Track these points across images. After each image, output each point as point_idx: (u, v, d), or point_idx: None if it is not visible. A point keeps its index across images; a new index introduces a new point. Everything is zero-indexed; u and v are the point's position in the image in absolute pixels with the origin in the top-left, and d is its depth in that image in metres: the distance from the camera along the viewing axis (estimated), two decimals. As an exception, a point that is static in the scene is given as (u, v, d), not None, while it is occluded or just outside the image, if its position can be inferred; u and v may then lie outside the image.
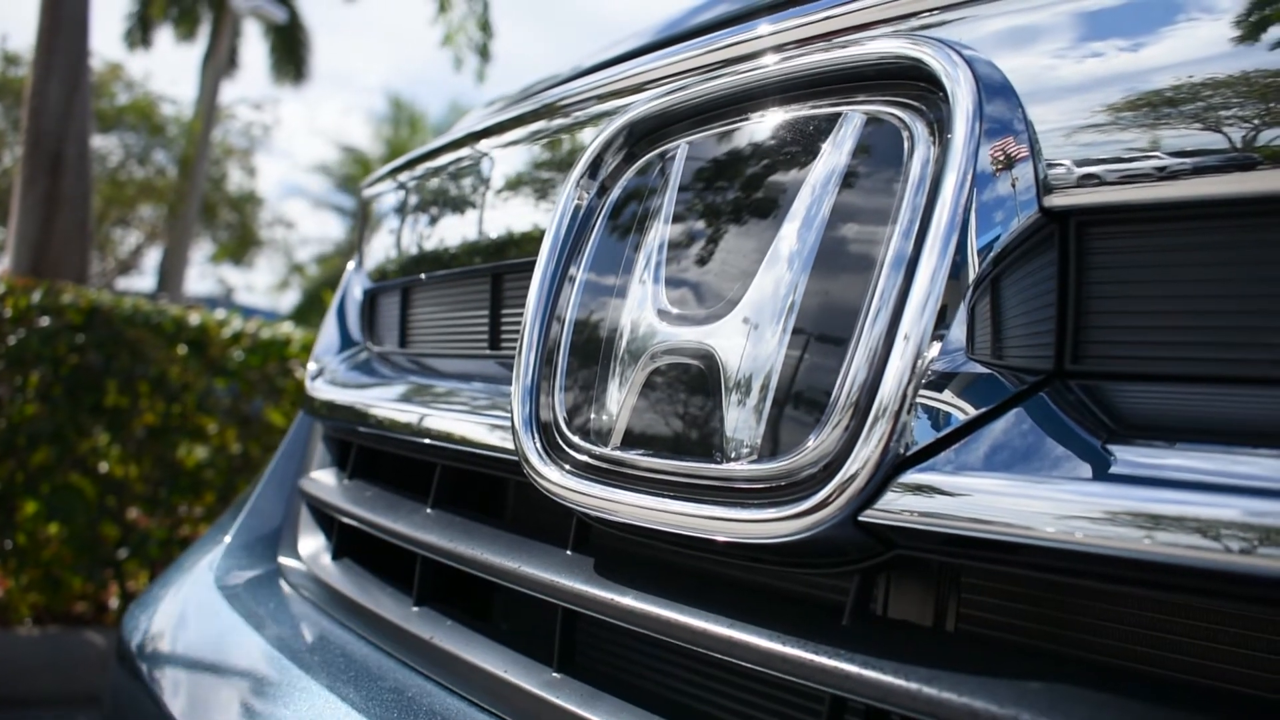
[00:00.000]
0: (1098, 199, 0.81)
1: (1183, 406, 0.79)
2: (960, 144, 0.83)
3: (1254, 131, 0.73)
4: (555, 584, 1.07)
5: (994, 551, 0.76)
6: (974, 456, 0.79)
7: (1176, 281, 0.79)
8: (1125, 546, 0.67)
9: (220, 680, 1.44)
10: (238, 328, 6.46)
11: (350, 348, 2.03)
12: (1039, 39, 0.87)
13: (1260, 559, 0.61)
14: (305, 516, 1.80)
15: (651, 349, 1.01)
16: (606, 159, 1.19)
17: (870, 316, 0.84)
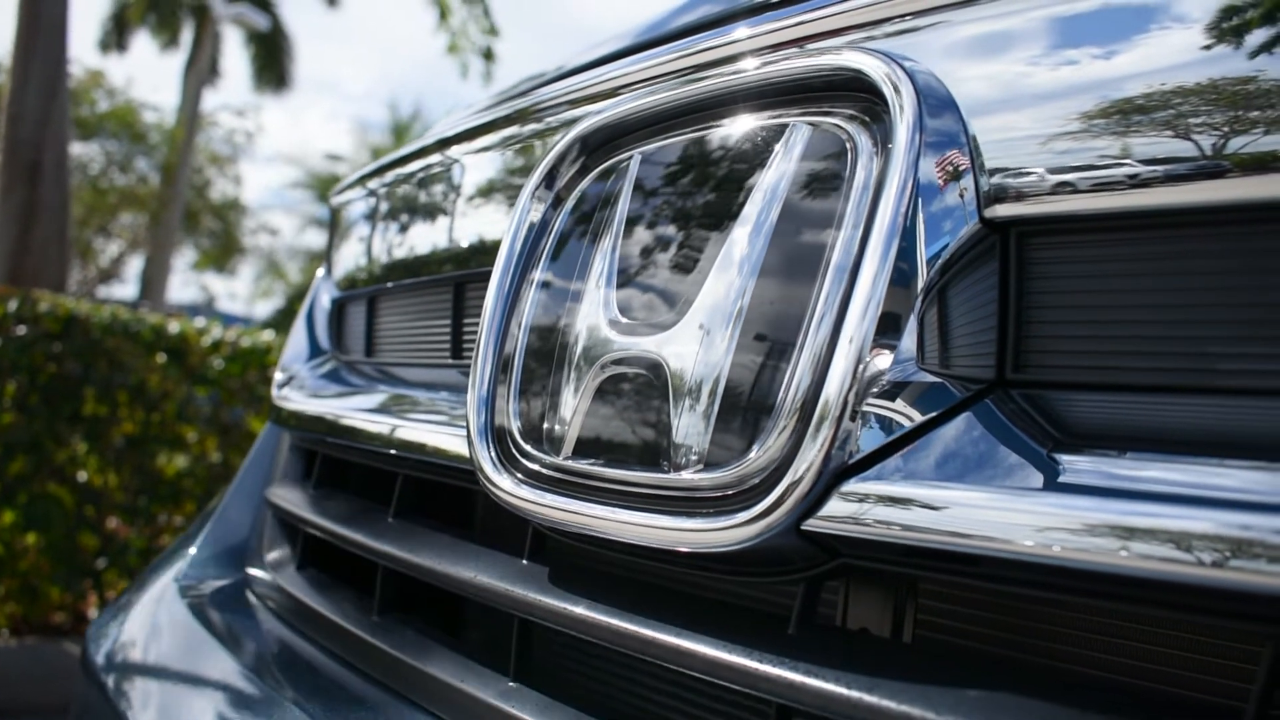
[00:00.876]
0: (1037, 210, 0.81)
1: (1122, 416, 0.80)
2: (901, 153, 0.84)
3: (1190, 144, 0.73)
4: (508, 593, 1.07)
5: (936, 560, 0.77)
6: (915, 465, 0.79)
7: (1115, 291, 0.80)
8: (1063, 555, 0.67)
9: (182, 693, 1.44)
10: (217, 336, 6.44)
11: (319, 356, 2.03)
12: (984, 52, 0.88)
13: (1195, 569, 0.62)
14: (271, 526, 1.79)
15: (603, 358, 1.01)
16: (561, 170, 1.19)
17: (814, 322, 0.85)
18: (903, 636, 0.86)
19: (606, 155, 1.16)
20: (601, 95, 1.27)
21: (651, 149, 1.10)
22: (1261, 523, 0.61)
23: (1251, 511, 0.62)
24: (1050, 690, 0.73)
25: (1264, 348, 0.72)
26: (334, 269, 2.05)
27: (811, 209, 0.90)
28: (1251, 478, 0.65)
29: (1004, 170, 0.83)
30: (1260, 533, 0.60)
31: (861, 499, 0.79)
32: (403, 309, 1.77)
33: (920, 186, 0.83)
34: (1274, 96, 0.70)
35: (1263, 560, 0.59)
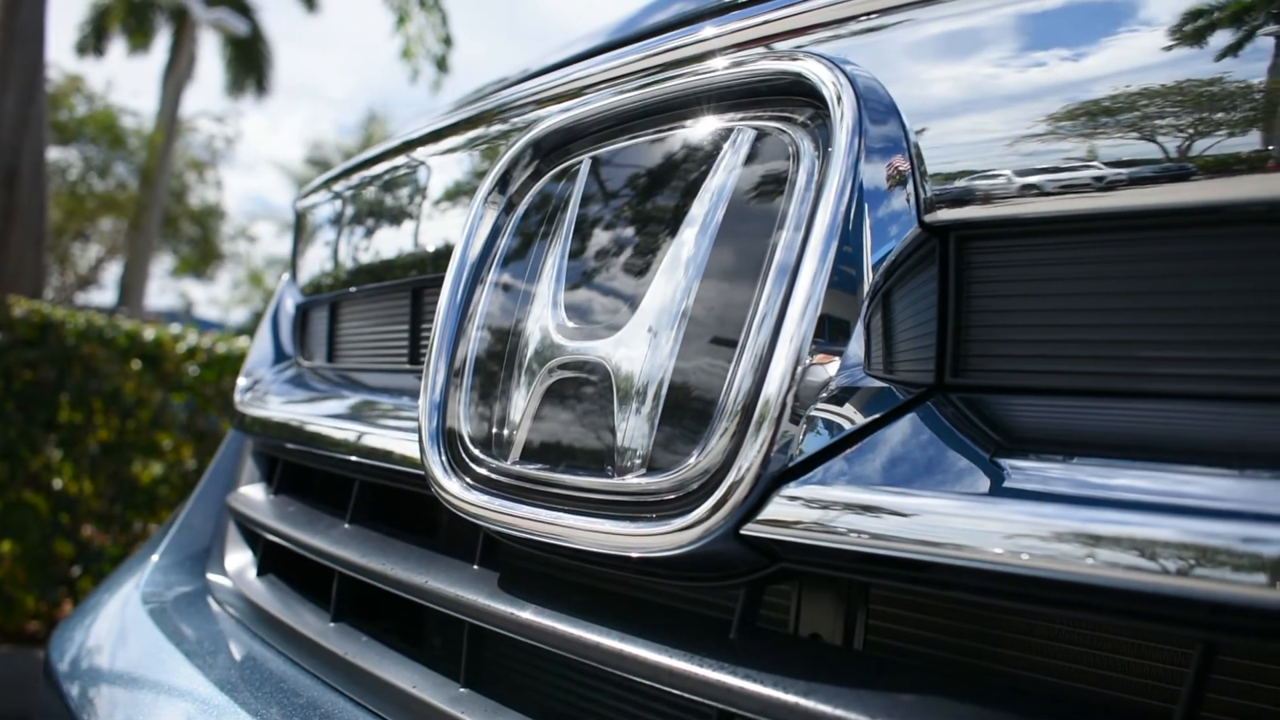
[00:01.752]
0: (976, 214, 0.82)
1: (1060, 420, 0.80)
2: (840, 157, 0.84)
3: (1127, 150, 0.74)
4: (458, 599, 1.07)
5: (874, 565, 0.77)
6: (854, 470, 0.79)
7: (1052, 296, 0.80)
8: (997, 559, 0.67)
9: (142, 700, 1.43)
10: (192, 342, 6.41)
11: (283, 362, 2.02)
12: (930, 55, 0.88)
13: (1123, 572, 0.62)
14: (233, 533, 1.79)
15: (550, 363, 1.01)
16: (515, 175, 1.19)
17: (756, 324, 0.85)
18: (854, 641, 0.87)
19: (559, 159, 1.16)
20: (566, 96, 1.27)
21: (601, 153, 1.10)
22: (1193, 527, 0.61)
23: (1183, 516, 0.62)
24: (984, 694, 0.73)
25: (1200, 352, 0.72)
26: (298, 274, 2.05)
27: (755, 212, 0.90)
28: (1190, 481, 0.65)
29: (944, 175, 0.83)
30: (1190, 537, 0.60)
31: (800, 503, 0.79)
32: (363, 314, 1.77)
33: (860, 190, 0.83)
34: (1208, 103, 0.70)
35: (1189, 565, 0.60)
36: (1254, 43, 0.69)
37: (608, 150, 1.09)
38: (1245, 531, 0.59)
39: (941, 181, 0.83)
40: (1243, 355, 0.70)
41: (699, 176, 0.96)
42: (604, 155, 1.09)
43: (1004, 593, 0.71)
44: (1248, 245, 0.71)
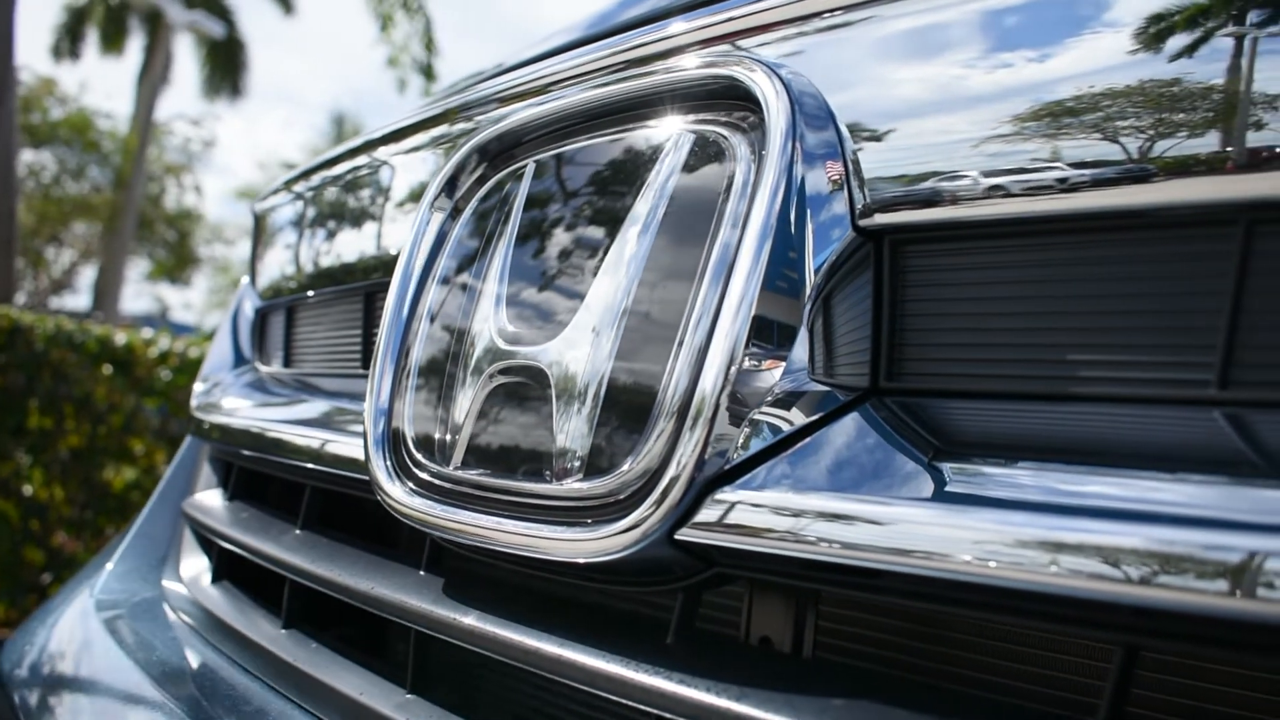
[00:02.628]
0: (909, 218, 0.82)
1: (992, 423, 0.80)
2: (774, 159, 0.84)
3: (1055, 154, 0.74)
4: (402, 605, 1.06)
5: (805, 569, 0.77)
6: (787, 473, 0.79)
7: (985, 299, 0.80)
8: (927, 565, 0.68)
9: (91, 708, 1.42)
10: (165, 347, 6.39)
11: (241, 367, 2.01)
12: (862, 60, 0.88)
13: (1042, 576, 0.62)
14: (189, 539, 1.78)
15: (491, 367, 1.01)
16: (462, 180, 1.19)
17: (692, 324, 0.85)
18: (804, 644, 0.86)
19: (504, 163, 1.16)
20: (532, 93, 1.25)
21: (545, 157, 1.09)
22: (1121, 530, 0.61)
23: (1111, 520, 0.63)
24: (915, 698, 0.73)
25: (1128, 355, 0.72)
26: (257, 278, 2.04)
27: (693, 214, 0.90)
28: (1118, 485, 0.66)
29: (878, 180, 0.84)
30: (1114, 541, 0.60)
31: (734, 507, 0.79)
32: (318, 319, 1.76)
33: (794, 193, 0.83)
34: (1136, 111, 0.70)
35: (1113, 568, 0.60)
36: (1174, 51, 0.69)
37: (551, 154, 1.09)
38: (1170, 536, 0.59)
39: (876, 186, 0.83)
40: (1169, 359, 0.70)
41: (640, 179, 0.96)
42: (547, 159, 1.09)
43: (936, 596, 0.72)
44: (1177, 249, 0.71)
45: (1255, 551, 0.55)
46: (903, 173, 0.82)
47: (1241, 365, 0.67)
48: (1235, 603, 0.55)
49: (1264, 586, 0.54)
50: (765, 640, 0.88)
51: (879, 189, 0.83)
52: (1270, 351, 0.66)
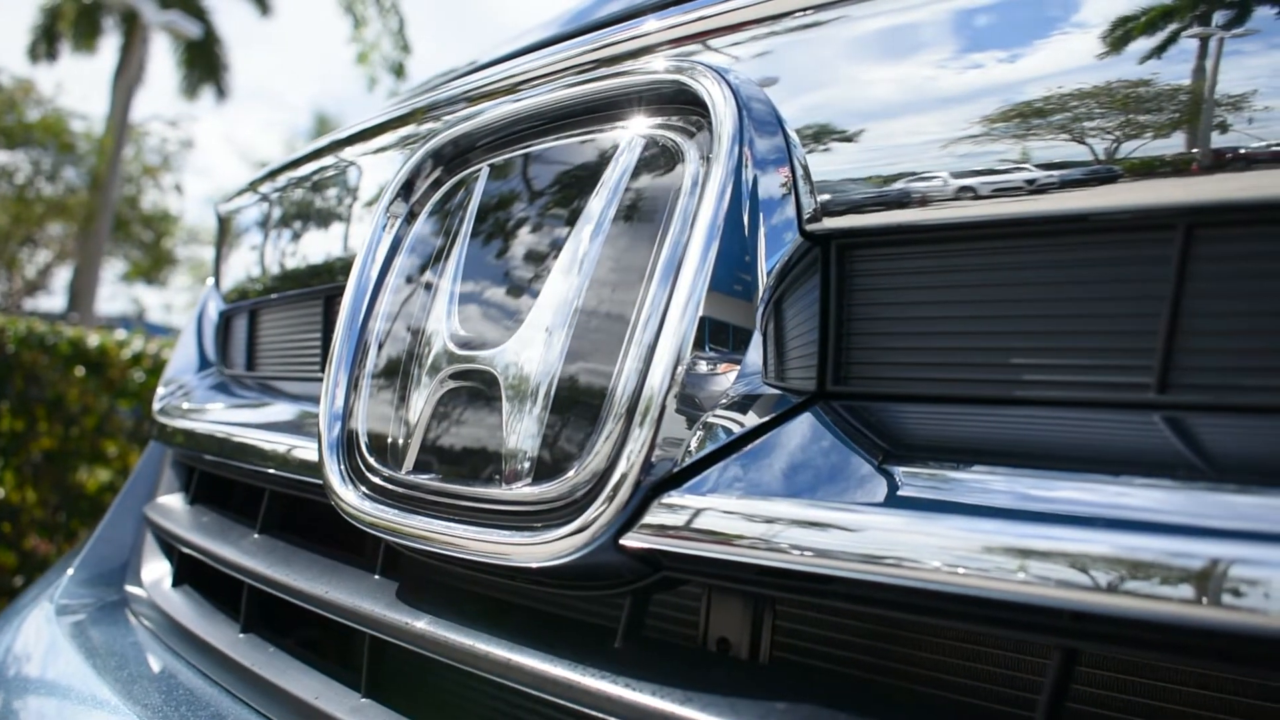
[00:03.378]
0: (855, 223, 0.82)
1: (939, 427, 0.80)
2: (721, 163, 0.84)
3: (999, 159, 0.74)
4: (356, 609, 1.06)
5: (750, 574, 0.77)
6: (731, 478, 0.79)
7: (931, 304, 0.80)
8: (867, 569, 0.68)
9: (48, 713, 1.41)
10: (138, 348, 6.36)
11: (204, 370, 2.00)
12: (814, 64, 0.88)
13: (981, 580, 0.62)
14: (150, 544, 1.77)
15: (443, 372, 1.01)
16: (417, 184, 1.19)
17: (641, 326, 0.85)
18: (760, 647, 0.86)
19: (459, 168, 1.15)
20: (501, 91, 1.25)
21: (499, 161, 1.09)
22: (1058, 534, 0.61)
23: (1047, 524, 0.63)
24: (859, 701, 0.73)
25: (1071, 359, 0.73)
26: (221, 280, 2.03)
27: (643, 217, 0.90)
28: (1062, 489, 0.66)
29: (826, 184, 0.84)
30: (1056, 545, 0.61)
31: (679, 510, 0.79)
32: (280, 322, 1.75)
33: (742, 196, 0.84)
34: (1082, 116, 0.71)
35: (1054, 571, 0.60)
36: (1113, 59, 0.70)
37: (505, 158, 1.09)
38: (1116, 540, 0.59)
39: (823, 190, 0.84)
40: (1110, 363, 0.70)
41: (591, 183, 0.96)
42: (501, 163, 1.09)
43: (880, 601, 0.72)
44: (1118, 253, 0.71)
45: (1193, 555, 0.56)
46: (850, 177, 0.82)
47: (1180, 369, 0.67)
48: (1171, 607, 0.56)
49: (1198, 589, 0.54)
50: (723, 642, 0.88)
51: (826, 193, 0.83)
52: (1207, 355, 0.67)
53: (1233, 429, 0.66)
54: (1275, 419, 0.65)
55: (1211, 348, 0.67)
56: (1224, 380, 0.66)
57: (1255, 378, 0.65)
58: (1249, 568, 0.53)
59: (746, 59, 0.94)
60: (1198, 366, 0.67)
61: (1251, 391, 0.65)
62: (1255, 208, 0.65)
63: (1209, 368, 0.67)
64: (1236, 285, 0.66)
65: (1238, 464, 0.65)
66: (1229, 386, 0.66)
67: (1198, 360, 0.67)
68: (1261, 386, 0.65)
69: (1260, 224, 0.66)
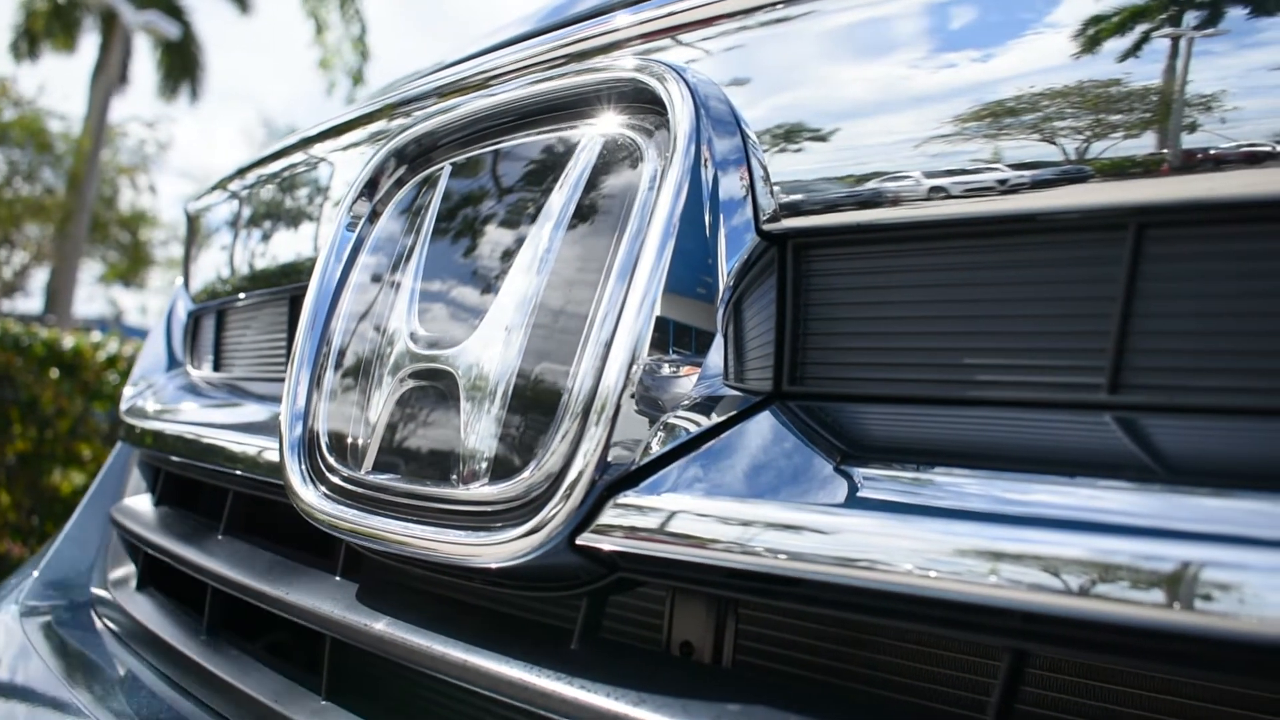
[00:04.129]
0: (811, 223, 0.82)
1: (894, 427, 0.80)
2: (677, 162, 0.84)
3: (953, 159, 0.74)
4: (315, 611, 1.05)
5: (703, 574, 0.77)
6: (686, 478, 0.79)
7: (885, 304, 0.80)
8: (821, 570, 0.67)
9: (5, 717, 1.40)
10: (113, 350, 6.32)
11: (172, 371, 1.99)
12: (775, 63, 0.88)
13: (930, 581, 0.62)
14: (116, 545, 1.76)
15: (402, 371, 1.00)
16: (381, 182, 1.18)
17: (597, 324, 0.84)
18: (724, 649, 0.86)
19: (422, 166, 1.15)
20: (472, 86, 1.24)
21: (460, 159, 1.09)
22: (1010, 535, 0.61)
23: (999, 524, 0.63)
24: (812, 701, 0.73)
25: (1024, 359, 0.73)
26: (190, 280, 2.02)
27: (601, 216, 0.90)
28: (1015, 490, 0.66)
29: (782, 184, 0.83)
30: (1009, 546, 0.61)
31: (633, 511, 0.79)
32: (247, 322, 1.74)
33: (699, 195, 0.83)
34: (1033, 118, 0.71)
35: (1001, 571, 0.60)
36: (1067, 59, 0.70)
37: (466, 156, 1.08)
38: (1057, 540, 0.59)
39: (779, 190, 0.83)
40: (1063, 363, 0.71)
41: (551, 182, 0.96)
42: (462, 161, 1.08)
43: (832, 601, 0.72)
44: (1070, 253, 0.71)
45: (1144, 555, 0.56)
46: (806, 177, 0.82)
47: (1132, 370, 0.67)
48: (1123, 608, 0.56)
49: (1150, 591, 0.54)
50: (686, 645, 0.88)
51: (783, 193, 0.83)
52: (1159, 355, 0.67)
53: (1182, 430, 0.66)
54: (1225, 420, 0.65)
55: (1163, 348, 0.67)
56: (1175, 381, 0.66)
57: (1206, 379, 0.65)
58: (1215, 570, 0.53)
59: (718, 53, 0.94)
60: (1149, 367, 0.67)
61: (1202, 392, 0.65)
62: (1206, 208, 0.65)
63: (1160, 368, 0.67)
64: (1188, 286, 0.66)
65: (1188, 465, 0.65)
66: (1180, 387, 0.66)
67: (1149, 361, 0.67)
68: (1212, 387, 0.65)
69: (1211, 224, 0.66)
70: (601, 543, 0.80)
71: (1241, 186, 0.63)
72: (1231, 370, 0.64)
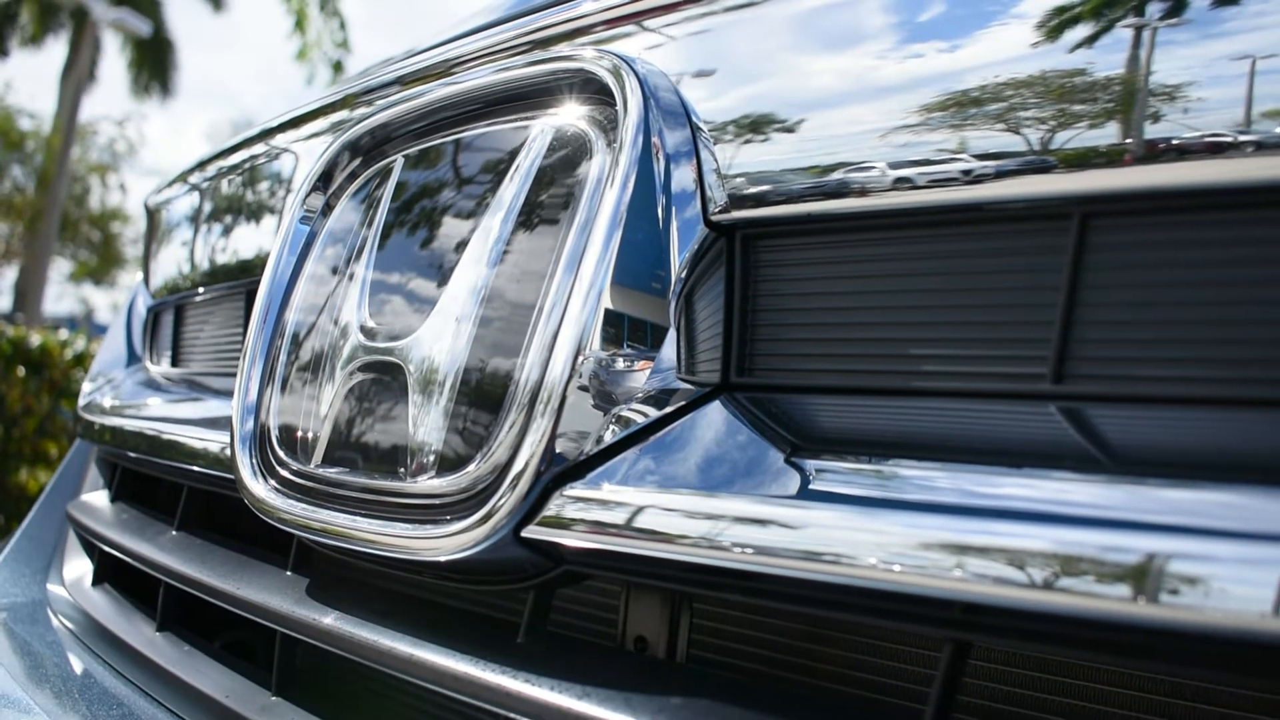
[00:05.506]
0: (758, 214, 0.81)
1: (842, 418, 0.80)
2: (625, 152, 0.83)
3: (899, 150, 0.74)
4: (264, 606, 1.04)
5: (647, 566, 0.76)
6: (633, 470, 0.78)
7: (833, 294, 0.80)
8: (762, 562, 0.67)
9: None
10: (80, 349, 6.28)
11: (131, 366, 1.98)
12: (716, 55, 0.88)
13: (873, 572, 0.62)
14: (73, 542, 1.74)
15: (352, 364, 1.00)
16: (335, 175, 1.17)
17: (545, 315, 0.84)
18: (677, 644, 0.86)
19: (375, 159, 1.14)
20: (435, 74, 1.22)
21: (413, 151, 1.08)
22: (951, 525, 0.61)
23: (940, 514, 0.62)
24: (758, 698, 0.72)
25: (970, 350, 0.72)
26: (150, 275, 2.00)
27: (550, 207, 0.90)
28: (960, 481, 0.65)
29: (730, 175, 0.83)
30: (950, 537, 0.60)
31: (579, 503, 0.78)
32: (205, 317, 1.73)
33: (648, 185, 0.83)
34: (976, 107, 0.71)
35: (944, 565, 0.60)
36: (1007, 49, 0.70)
37: (418, 148, 1.08)
38: (1013, 531, 0.59)
39: (728, 181, 0.83)
40: (1008, 354, 0.70)
41: (502, 173, 0.95)
42: (415, 154, 1.08)
43: (776, 594, 0.71)
44: (1015, 243, 0.71)
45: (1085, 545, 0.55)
46: (754, 168, 0.82)
47: (1075, 360, 0.67)
48: (1066, 599, 0.55)
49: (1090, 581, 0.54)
50: (641, 641, 0.87)
51: (731, 183, 0.83)
52: (1102, 345, 0.66)
53: (1125, 420, 0.66)
54: (1168, 410, 0.65)
55: (1106, 338, 0.66)
56: (1118, 371, 0.66)
57: (1149, 368, 0.65)
58: (1179, 562, 0.53)
59: (682, 38, 0.93)
60: (1092, 357, 0.67)
61: (1145, 382, 0.65)
62: (1150, 196, 0.65)
63: (1104, 358, 0.66)
64: (1131, 275, 0.66)
65: (1130, 455, 0.65)
66: (1123, 377, 0.66)
67: (1093, 351, 0.67)
68: (1155, 377, 0.65)
69: (1155, 213, 0.66)
70: (547, 535, 0.79)
71: (1184, 176, 0.63)
72: (1175, 360, 0.64)
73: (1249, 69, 0.60)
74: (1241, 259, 0.62)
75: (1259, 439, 0.61)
